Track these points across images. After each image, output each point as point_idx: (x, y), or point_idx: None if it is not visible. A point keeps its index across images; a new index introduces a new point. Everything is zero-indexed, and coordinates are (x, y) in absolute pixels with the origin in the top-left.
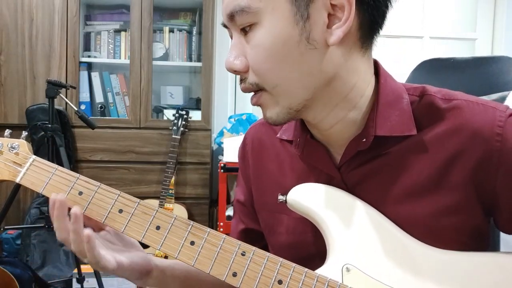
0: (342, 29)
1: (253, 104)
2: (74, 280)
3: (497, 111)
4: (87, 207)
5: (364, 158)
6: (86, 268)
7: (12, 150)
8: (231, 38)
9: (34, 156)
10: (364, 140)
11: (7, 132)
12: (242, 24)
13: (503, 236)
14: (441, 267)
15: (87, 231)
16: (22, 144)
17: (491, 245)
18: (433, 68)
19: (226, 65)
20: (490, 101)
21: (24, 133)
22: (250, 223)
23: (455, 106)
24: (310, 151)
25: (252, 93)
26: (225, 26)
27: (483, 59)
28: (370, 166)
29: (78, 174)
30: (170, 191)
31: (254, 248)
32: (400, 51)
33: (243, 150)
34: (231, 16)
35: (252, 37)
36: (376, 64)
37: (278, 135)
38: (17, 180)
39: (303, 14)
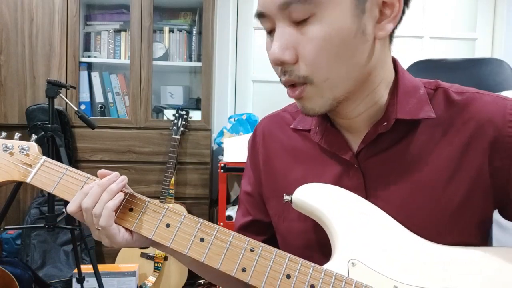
0: (391, 24)
1: (295, 97)
2: (74, 280)
3: (507, 101)
4: None
5: (383, 145)
6: (86, 268)
7: (23, 152)
8: (269, 31)
9: (44, 157)
10: (385, 123)
11: (17, 135)
12: (299, 16)
13: (495, 236)
14: (445, 262)
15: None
16: (32, 146)
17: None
18: (425, 69)
19: (272, 56)
20: (499, 94)
21: (34, 136)
22: (258, 214)
23: (468, 97)
24: (330, 138)
25: (289, 87)
26: (260, 15)
27: (474, 61)
28: (387, 154)
29: (89, 175)
30: (170, 191)
31: (262, 244)
32: (400, 51)
33: (253, 140)
34: (285, 6)
35: (309, 29)
36: (393, 59)
37: (292, 126)
38: (28, 180)
39: (362, 8)
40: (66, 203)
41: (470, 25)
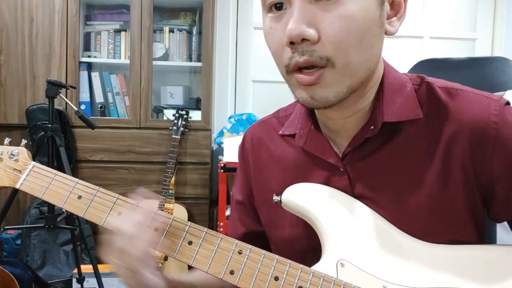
0: (399, 21)
1: (309, 82)
2: (74, 280)
3: (492, 101)
4: (86, 210)
5: (370, 147)
6: (86, 268)
7: (12, 157)
8: (278, 9)
9: (33, 163)
10: (372, 127)
11: (7, 140)
12: None
13: (499, 236)
14: (434, 261)
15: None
16: (22, 152)
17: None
18: (429, 68)
19: (293, 32)
20: (484, 92)
21: (24, 141)
22: (251, 223)
23: (453, 96)
24: (313, 141)
25: (301, 71)
26: None
27: (479, 60)
28: (374, 157)
29: (77, 179)
30: (170, 191)
31: (250, 246)
32: (400, 51)
33: (243, 148)
34: None
35: (339, 6)
36: None
37: (280, 132)
38: (17, 186)
39: (382, 0)
40: None
41: (470, 25)
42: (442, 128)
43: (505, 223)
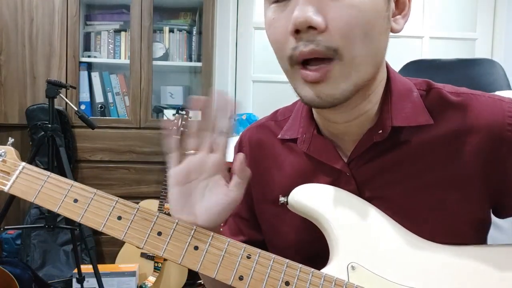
0: (404, 19)
1: (316, 80)
2: (74, 280)
3: (504, 103)
4: (83, 215)
5: (377, 151)
6: (86, 268)
7: None
8: None
9: (23, 164)
10: (381, 131)
11: None
12: None
13: (491, 235)
14: (446, 262)
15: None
16: (9, 151)
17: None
18: (418, 69)
19: (299, 19)
20: (495, 94)
21: (11, 140)
22: (251, 233)
23: (465, 99)
24: (317, 146)
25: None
26: None
27: (467, 61)
28: (381, 161)
29: (73, 181)
30: None
31: (259, 250)
32: (400, 51)
33: (239, 151)
34: None
35: None
36: None
37: (280, 136)
38: (6, 190)
39: None
40: None
41: (470, 25)
42: (456, 133)
43: (498, 222)
